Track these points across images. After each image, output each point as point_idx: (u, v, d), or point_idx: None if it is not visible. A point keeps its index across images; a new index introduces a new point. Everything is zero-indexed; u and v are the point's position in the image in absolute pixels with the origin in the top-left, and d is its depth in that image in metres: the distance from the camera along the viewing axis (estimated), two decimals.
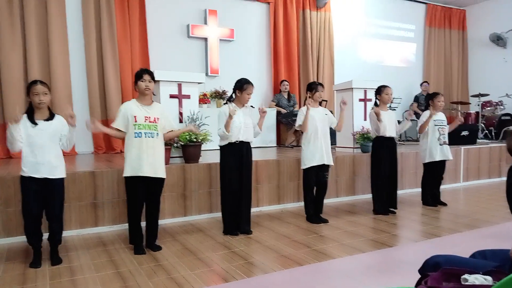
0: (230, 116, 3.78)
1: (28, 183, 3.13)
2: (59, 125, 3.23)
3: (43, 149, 3.12)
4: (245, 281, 2.88)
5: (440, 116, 5.20)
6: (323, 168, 4.43)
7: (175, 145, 4.74)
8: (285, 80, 8.37)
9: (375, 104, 4.93)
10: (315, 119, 4.36)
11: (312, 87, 4.45)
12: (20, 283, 2.84)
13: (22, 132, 3.08)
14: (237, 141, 3.90)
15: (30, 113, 3.14)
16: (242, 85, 3.92)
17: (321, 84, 4.49)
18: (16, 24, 6.11)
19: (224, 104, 4.05)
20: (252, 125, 4.06)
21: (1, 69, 6.04)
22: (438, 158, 5.11)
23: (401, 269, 3.07)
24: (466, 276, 1.54)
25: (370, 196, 5.07)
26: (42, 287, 2.78)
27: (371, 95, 6.29)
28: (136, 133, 3.40)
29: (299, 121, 4.42)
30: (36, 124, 3.12)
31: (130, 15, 7.08)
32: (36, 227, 3.21)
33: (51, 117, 3.21)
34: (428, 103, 5.24)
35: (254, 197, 4.69)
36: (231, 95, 4.05)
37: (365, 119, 6.17)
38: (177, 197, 4.59)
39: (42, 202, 3.19)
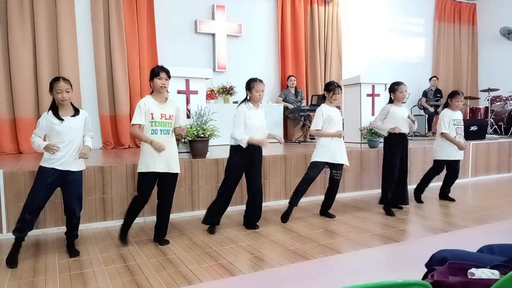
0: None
1: (47, 173, 3.16)
2: (84, 120, 3.32)
3: (71, 144, 3.20)
4: (252, 275, 2.90)
5: (458, 115, 5.13)
6: (336, 166, 4.41)
7: (183, 140, 4.76)
8: (292, 76, 8.35)
9: (390, 100, 4.83)
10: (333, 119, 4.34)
11: (330, 89, 4.35)
12: (31, 276, 2.89)
13: (46, 130, 3.18)
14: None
15: (55, 110, 3.20)
16: (249, 84, 3.89)
17: (340, 86, 4.40)
18: (26, 21, 6.17)
19: (238, 103, 4.00)
20: (265, 126, 4.05)
21: (11, 65, 6.11)
22: (455, 157, 5.09)
23: (408, 264, 3.07)
24: (473, 270, 1.53)
25: (377, 191, 5.05)
26: (51, 280, 2.82)
27: (379, 90, 6.26)
28: (153, 129, 3.43)
29: (318, 125, 4.31)
30: (62, 120, 3.18)
31: (138, 11, 7.10)
32: (32, 219, 3.18)
33: (76, 112, 3.28)
34: (447, 101, 5.19)
35: None
36: (246, 96, 3.99)
37: (372, 114, 6.13)
38: (184, 191, 4.62)
39: (51, 195, 3.25)
